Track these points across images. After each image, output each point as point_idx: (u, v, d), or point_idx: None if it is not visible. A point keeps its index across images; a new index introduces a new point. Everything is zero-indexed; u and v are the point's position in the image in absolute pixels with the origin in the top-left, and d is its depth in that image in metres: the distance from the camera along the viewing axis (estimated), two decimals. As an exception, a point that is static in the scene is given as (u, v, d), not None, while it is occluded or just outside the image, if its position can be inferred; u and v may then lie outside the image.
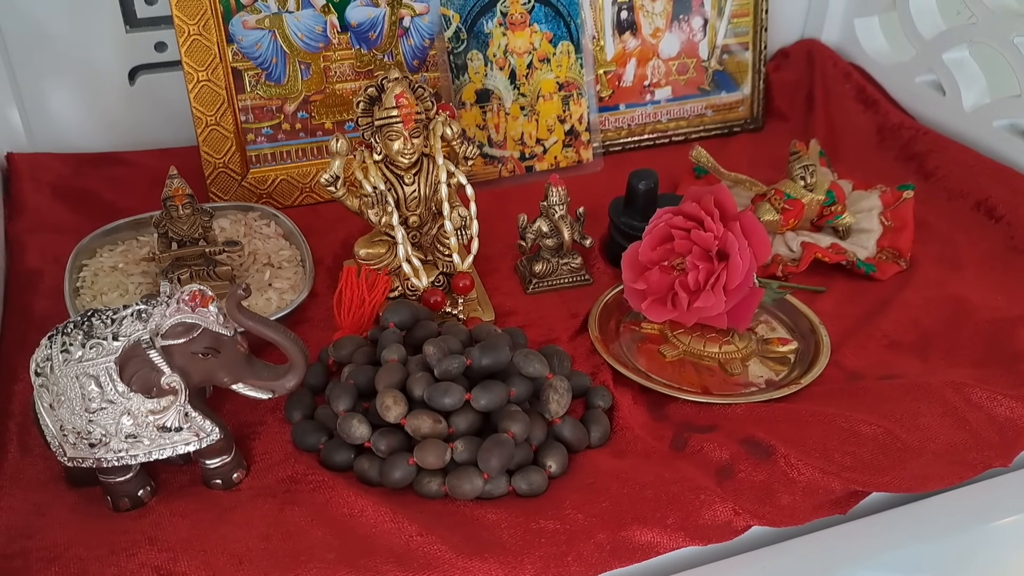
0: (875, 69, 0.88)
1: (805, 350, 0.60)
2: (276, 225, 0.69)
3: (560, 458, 0.50)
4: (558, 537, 0.45)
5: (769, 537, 0.47)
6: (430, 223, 0.62)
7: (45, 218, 0.70)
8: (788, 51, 0.93)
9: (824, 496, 0.48)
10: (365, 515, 0.46)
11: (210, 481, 0.48)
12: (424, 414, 0.49)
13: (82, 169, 0.75)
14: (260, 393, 0.47)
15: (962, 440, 0.51)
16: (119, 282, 0.62)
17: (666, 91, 0.85)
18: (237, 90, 0.72)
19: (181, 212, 0.59)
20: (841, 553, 0.47)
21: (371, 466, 0.49)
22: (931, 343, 0.61)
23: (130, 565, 0.43)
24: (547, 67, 0.78)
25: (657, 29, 0.83)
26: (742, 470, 0.49)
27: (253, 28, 0.71)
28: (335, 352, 0.56)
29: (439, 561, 0.43)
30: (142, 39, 0.77)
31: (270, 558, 0.44)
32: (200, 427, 0.46)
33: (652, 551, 0.45)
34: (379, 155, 0.59)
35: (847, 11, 0.91)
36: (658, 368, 0.58)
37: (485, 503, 0.48)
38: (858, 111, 0.87)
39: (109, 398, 0.44)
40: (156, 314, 0.44)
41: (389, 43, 0.75)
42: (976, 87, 0.80)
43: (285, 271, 0.65)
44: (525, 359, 0.51)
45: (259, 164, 0.74)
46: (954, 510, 0.49)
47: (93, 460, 0.45)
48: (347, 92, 0.75)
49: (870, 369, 0.58)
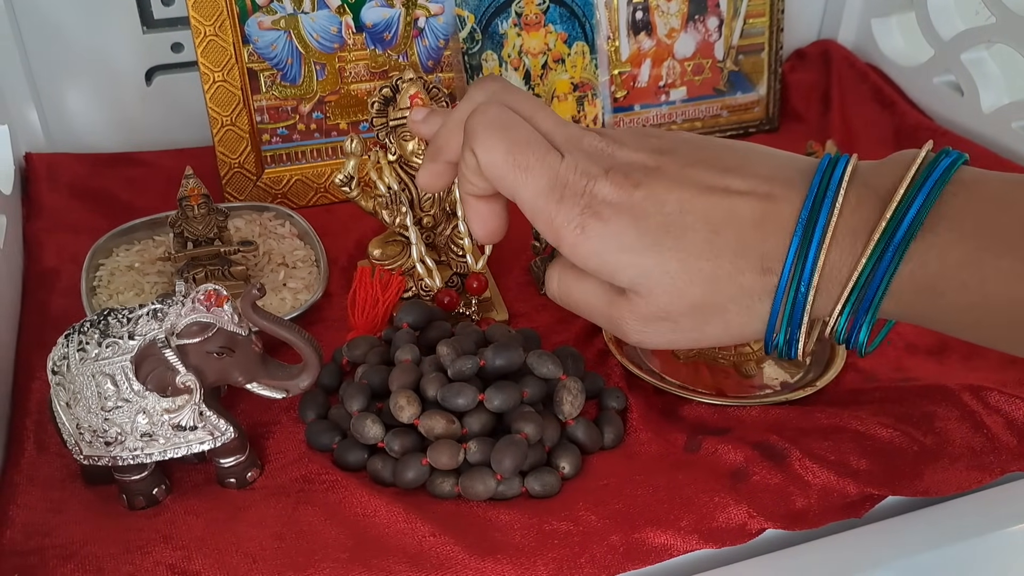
0: (892, 70, 0.88)
1: (821, 352, 0.60)
2: (291, 225, 0.69)
3: (573, 459, 0.50)
4: (571, 539, 0.45)
5: (784, 540, 0.47)
6: (444, 223, 0.62)
7: (62, 218, 0.70)
8: (804, 51, 0.92)
9: (839, 500, 0.48)
10: (378, 515, 0.46)
11: (224, 480, 0.49)
12: (437, 414, 0.49)
13: (99, 169, 0.76)
14: (274, 393, 0.47)
15: (980, 444, 0.51)
16: (135, 281, 0.62)
17: (681, 92, 0.85)
18: (253, 91, 0.72)
19: (196, 212, 0.59)
20: (856, 557, 0.46)
21: (384, 466, 0.49)
22: (948, 346, 0.60)
23: (145, 563, 0.44)
24: (561, 68, 0.78)
25: (672, 29, 0.83)
26: (757, 473, 0.48)
27: (269, 29, 0.72)
28: (349, 352, 0.56)
29: (452, 562, 0.43)
30: (159, 40, 0.77)
31: (284, 557, 0.44)
32: (215, 426, 0.46)
33: (666, 553, 0.45)
34: (393, 155, 0.59)
35: (864, 11, 0.90)
36: (672, 370, 0.58)
37: (498, 504, 0.48)
38: (875, 112, 0.86)
39: (125, 397, 0.44)
40: (171, 313, 0.45)
41: (404, 44, 0.75)
42: (995, 88, 0.79)
43: (299, 271, 0.65)
44: (539, 360, 0.51)
45: (274, 164, 0.75)
46: (971, 515, 0.48)
47: (109, 458, 0.45)
48: (362, 93, 0.76)
49: (886, 372, 0.58)
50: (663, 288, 0.35)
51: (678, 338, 0.37)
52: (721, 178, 0.36)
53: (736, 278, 0.35)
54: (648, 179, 0.36)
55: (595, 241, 0.36)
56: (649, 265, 0.35)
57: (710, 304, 0.36)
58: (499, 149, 0.37)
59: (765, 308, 0.35)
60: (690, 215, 0.35)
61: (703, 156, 0.36)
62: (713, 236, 0.35)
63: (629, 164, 0.36)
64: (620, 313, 0.37)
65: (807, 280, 0.34)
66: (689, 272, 0.35)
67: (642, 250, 0.35)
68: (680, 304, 0.36)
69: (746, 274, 0.35)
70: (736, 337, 0.37)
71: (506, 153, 0.37)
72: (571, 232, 0.36)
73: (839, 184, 0.34)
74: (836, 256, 0.34)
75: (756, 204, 0.35)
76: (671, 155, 0.37)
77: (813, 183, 0.34)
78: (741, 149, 0.38)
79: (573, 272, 0.39)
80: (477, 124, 0.38)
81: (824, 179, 0.34)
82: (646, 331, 0.37)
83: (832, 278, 0.34)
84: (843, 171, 0.34)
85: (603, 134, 0.38)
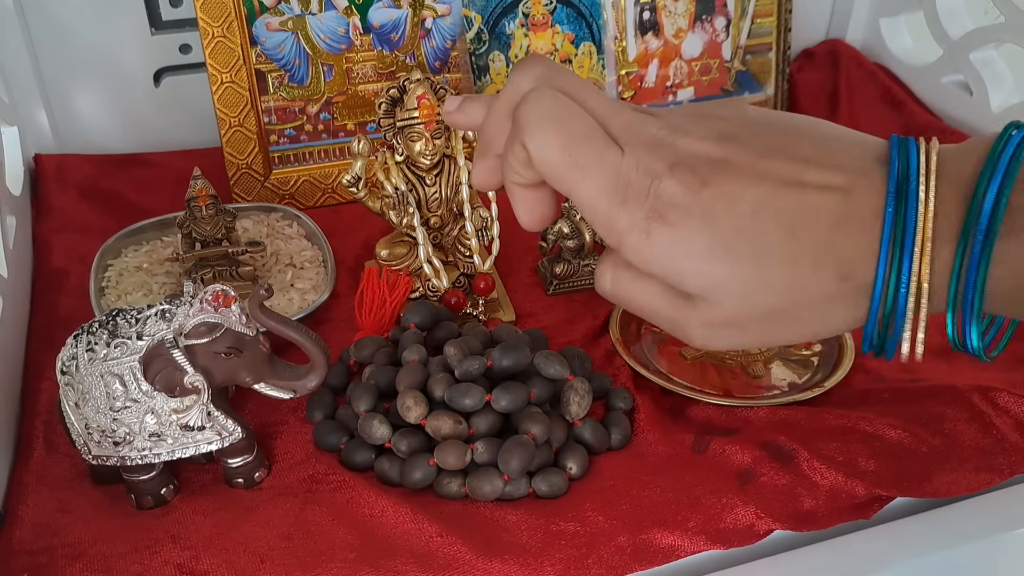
0: (901, 69, 0.87)
1: (828, 353, 0.60)
2: (298, 226, 0.70)
3: (580, 460, 0.50)
4: (578, 539, 0.45)
5: (791, 541, 0.47)
6: (451, 224, 0.62)
7: (71, 218, 0.70)
8: (812, 51, 0.92)
9: (847, 501, 0.48)
10: (386, 515, 0.47)
11: (232, 480, 0.49)
12: (444, 415, 0.49)
13: (107, 170, 0.76)
14: (282, 393, 0.47)
15: (988, 445, 0.50)
16: (143, 282, 0.62)
17: (689, 92, 0.85)
18: (260, 91, 0.73)
19: (204, 213, 0.60)
20: (864, 559, 0.46)
21: (391, 466, 0.49)
22: (957, 346, 0.60)
23: (153, 563, 0.44)
24: (569, 68, 0.78)
25: (680, 29, 0.83)
26: (764, 474, 0.48)
27: (276, 30, 0.72)
28: (356, 352, 0.56)
29: (459, 562, 0.44)
30: (167, 41, 0.77)
31: (291, 557, 0.44)
32: (223, 426, 0.46)
33: (673, 554, 0.45)
34: (401, 156, 0.60)
35: (872, 11, 0.90)
36: (679, 370, 0.58)
37: (505, 504, 0.48)
38: (884, 112, 0.86)
39: (133, 397, 0.44)
40: (180, 314, 0.45)
41: (411, 44, 0.75)
42: (1004, 87, 0.79)
43: (307, 271, 0.65)
44: (546, 360, 0.51)
45: (282, 165, 0.75)
46: (979, 516, 0.48)
47: (117, 458, 0.45)
48: (369, 93, 0.76)
49: (895, 372, 0.58)
50: (735, 297, 0.33)
51: (745, 341, 0.35)
52: (797, 171, 0.33)
53: (813, 286, 0.33)
54: (717, 175, 0.33)
55: (662, 247, 0.33)
56: (721, 273, 0.33)
57: (783, 311, 0.33)
58: (555, 145, 0.34)
59: (842, 315, 0.33)
60: (764, 216, 0.32)
61: (774, 144, 0.34)
62: (790, 240, 0.32)
63: (694, 157, 0.33)
64: (685, 318, 0.35)
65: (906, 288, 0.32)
66: (764, 280, 0.33)
67: (713, 257, 0.33)
68: (752, 312, 0.34)
69: (824, 281, 0.33)
70: (807, 339, 0.35)
71: (562, 150, 0.34)
72: (635, 237, 0.33)
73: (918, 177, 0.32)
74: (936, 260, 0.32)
75: (835, 201, 0.32)
76: (739, 144, 0.34)
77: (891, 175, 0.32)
78: (811, 131, 0.35)
79: (630, 271, 0.36)
80: (529, 115, 0.34)
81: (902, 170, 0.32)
82: (712, 336, 0.35)
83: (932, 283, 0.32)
84: (919, 160, 0.32)
85: (662, 118, 0.35)
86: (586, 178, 0.34)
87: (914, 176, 0.32)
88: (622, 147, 0.34)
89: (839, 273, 0.32)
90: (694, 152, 0.33)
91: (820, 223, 0.32)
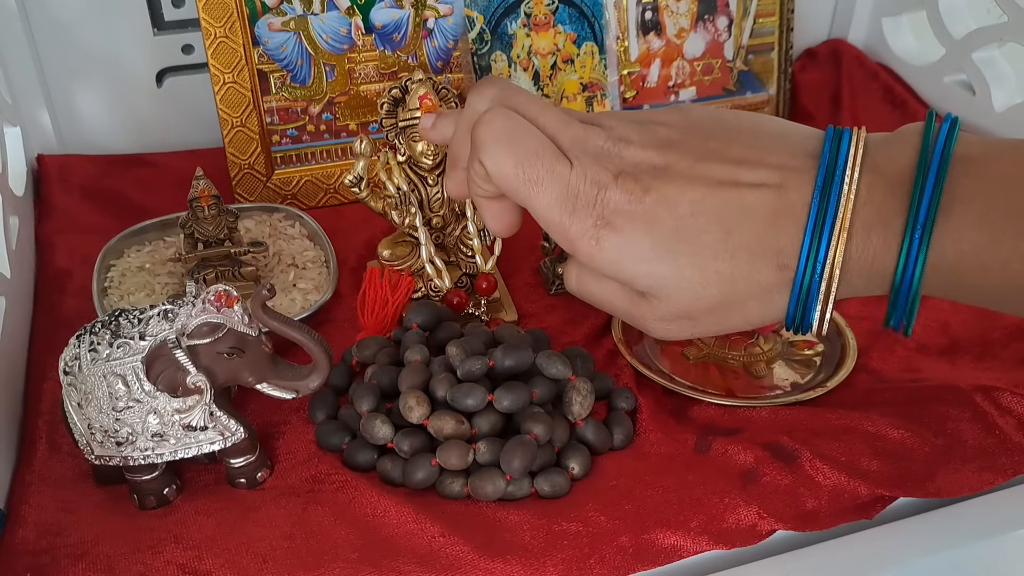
0: (903, 69, 0.87)
1: (831, 353, 0.59)
2: (300, 226, 0.70)
3: (583, 460, 0.50)
4: (580, 539, 0.45)
5: (794, 542, 0.47)
6: (453, 224, 0.62)
7: (74, 219, 0.70)
8: (814, 51, 0.92)
9: (850, 501, 0.48)
10: (388, 515, 0.47)
11: (234, 480, 0.49)
12: (447, 415, 0.49)
13: (110, 170, 0.76)
14: (284, 393, 0.47)
15: (992, 445, 0.50)
16: (146, 282, 0.62)
17: (691, 91, 0.85)
18: (262, 92, 0.73)
19: (207, 213, 0.60)
20: (867, 559, 0.46)
21: (394, 466, 0.49)
22: (960, 347, 0.60)
23: (155, 563, 0.44)
24: (571, 68, 0.78)
25: (682, 29, 0.83)
26: (767, 474, 0.48)
27: (279, 30, 0.72)
28: (358, 353, 0.56)
29: (461, 562, 0.44)
30: (169, 42, 0.77)
31: (294, 557, 0.44)
32: (225, 426, 0.46)
33: (675, 555, 0.45)
34: (403, 156, 0.60)
35: (874, 10, 0.90)
36: (682, 370, 0.58)
37: (507, 504, 0.48)
38: (886, 112, 0.86)
39: (136, 397, 0.44)
40: (182, 314, 0.45)
41: (413, 45, 0.76)
42: (1007, 87, 0.79)
43: (309, 272, 0.65)
44: (548, 360, 0.51)
45: (284, 165, 0.75)
46: (982, 516, 0.48)
47: (120, 458, 0.45)
48: (371, 94, 0.76)
49: (897, 372, 0.58)
50: (681, 292, 0.36)
51: (700, 331, 0.38)
52: (732, 172, 0.36)
53: (753, 276, 0.35)
54: (657, 181, 0.36)
55: (611, 252, 0.36)
56: (665, 272, 0.36)
57: (729, 302, 0.36)
58: (508, 162, 0.37)
59: (783, 300, 0.36)
60: (702, 216, 0.35)
61: (712, 147, 0.36)
62: (727, 236, 0.35)
63: (637, 166, 0.36)
64: (641, 313, 0.38)
65: (820, 273, 0.34)
66: (705, 275, 0.36)
67: (657, 259, 0.36)
68: (699, 305, 0.36)
69: (763, 271, 0.35)
70: (756, 325, 0.38)
71: (515, 166, 0.37)
72: (586, 244, 0.36)
73: (844, 170, 0.34)
74: (854, 248, 0.34)
75: (768, 197, 0.35)
76: (678, 149, 0.36)
77: (820, 169, 0.35)
78: (750, 131, 0.37)
79: (591, 272, 0.39)
80: (483, 135, 0.37)
81: (831, 165, 0.34)
82: (668, 328, 0.38)
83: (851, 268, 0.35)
84: (848, 154, 0.35)
85: (609, 129, 0.37)
86: (539, 191, 0.37)
87: (841, 168, 0.34)
88: (571, 160, 0.37)
89: (777, 263, 0.35)
90: (637, 161, 0.36)
91: (755, 219, 0.35)
